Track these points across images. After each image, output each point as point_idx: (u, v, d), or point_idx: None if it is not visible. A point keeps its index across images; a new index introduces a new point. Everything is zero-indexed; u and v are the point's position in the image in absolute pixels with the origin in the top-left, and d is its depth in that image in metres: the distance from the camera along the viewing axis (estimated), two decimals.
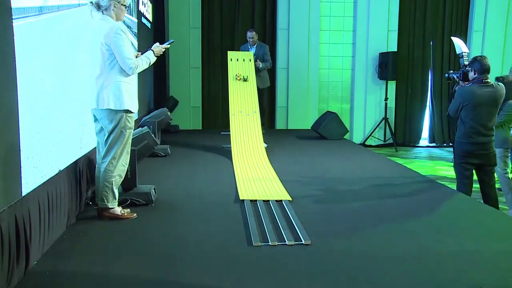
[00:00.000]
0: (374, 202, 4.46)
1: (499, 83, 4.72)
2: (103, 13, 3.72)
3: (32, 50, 2.94)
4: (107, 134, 3.74)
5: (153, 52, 3.92)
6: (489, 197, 4.73)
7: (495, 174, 5.08)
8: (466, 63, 4.88)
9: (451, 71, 5.07)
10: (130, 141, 3.87)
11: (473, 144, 4.64)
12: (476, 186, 4.82)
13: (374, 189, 4.98)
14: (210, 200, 4.46)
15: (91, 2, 3.71)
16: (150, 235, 3.52)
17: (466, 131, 4.66)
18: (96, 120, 3.81)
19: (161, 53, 4.00)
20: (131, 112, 3.79)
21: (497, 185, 5.25)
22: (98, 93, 3.68)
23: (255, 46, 8.28)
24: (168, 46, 4.09)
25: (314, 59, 9.93)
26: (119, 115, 3.70)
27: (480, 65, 4.60)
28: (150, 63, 3.89)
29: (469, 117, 4.63)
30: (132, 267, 2.95)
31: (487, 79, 4.60)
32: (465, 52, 5.02)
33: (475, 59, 4.67)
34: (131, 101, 3.75)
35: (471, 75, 4.69)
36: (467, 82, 4.76)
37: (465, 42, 9.88)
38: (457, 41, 5.20)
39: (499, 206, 5.03)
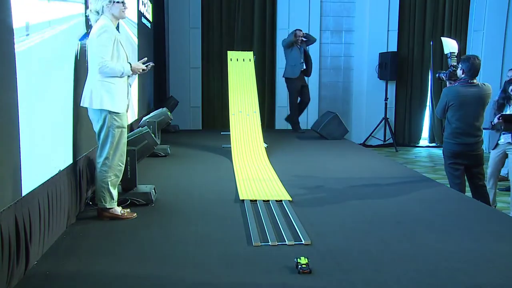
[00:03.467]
0: (374, 202, 4.46)
1: (485, 83, 4.68)
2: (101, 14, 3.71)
3: (32, 50, 2.94)
4: (97, 133, 3.76)
5: (131, 65, 3.75)
6: (480, 196, 4.70)
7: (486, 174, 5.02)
8: (454, 63, 4.87)
9: (442, 71, 5.07)
10: (123, 140, 3.84)
11: (460, 144, 4.61)
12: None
13: (374, 189, 4.98)
14: (210, 200, 4.46)
15: (91, 11, 3.71)
16: (150, 235, 3.52)
17: (452, 131, 4.63)
18: None
19: (138, 72, 3.88)
20: (116, 112, 3.74)
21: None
22: (83, 91, 3.70)
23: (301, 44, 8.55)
24: (146, 69, 3.94)
25: (314, 59, 9.90)
26: (103, 114, 3.68)
27: (470, 67, 4.55)
28: (122, 73, 3.68)
29: (455, 117, 4.61)
30: (132, 267, 2.95)
31: (473, 79, 4.58)
32: (453, 53, 5.02)
33: (468, 58, 4.61)
34: (111, 101, 3.66)
35: (459, 73, 4.66)
36: (454, 82, 4.76)
37: (465, 42, 9.90)
38: (447, 41, 5.19)
39: (497, 205, 5.03)
